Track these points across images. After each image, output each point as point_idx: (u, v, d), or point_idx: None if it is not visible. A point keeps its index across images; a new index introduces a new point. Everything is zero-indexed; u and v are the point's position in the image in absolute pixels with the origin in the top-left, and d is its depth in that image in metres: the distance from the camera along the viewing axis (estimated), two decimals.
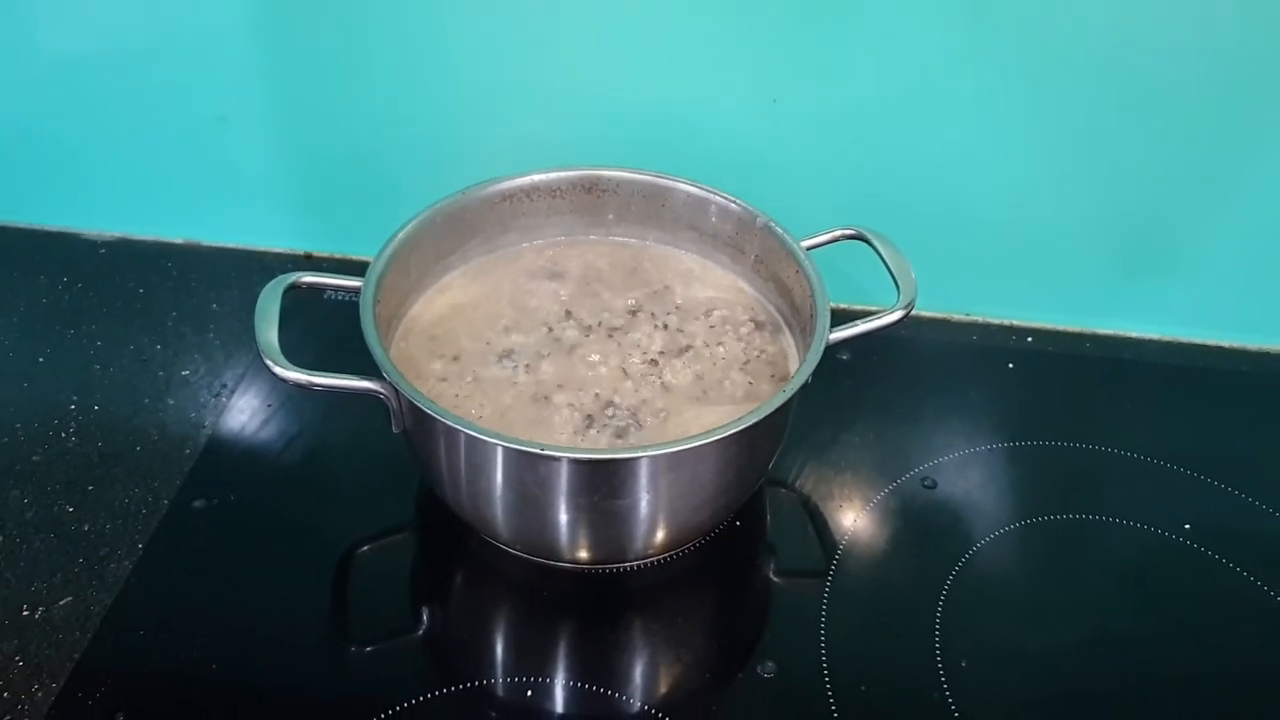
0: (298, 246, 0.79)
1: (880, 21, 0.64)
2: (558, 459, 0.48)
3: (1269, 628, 0.56)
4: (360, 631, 0.55)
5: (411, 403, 0.49)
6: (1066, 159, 0.68)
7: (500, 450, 0.49)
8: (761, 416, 0.49)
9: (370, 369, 0.52)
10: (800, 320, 0.59)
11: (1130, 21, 0.62)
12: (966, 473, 0.63)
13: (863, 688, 0.52)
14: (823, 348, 0.52)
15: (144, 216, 0.79)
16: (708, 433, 0.48)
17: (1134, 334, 0.74)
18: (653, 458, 0.49)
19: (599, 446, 0.53)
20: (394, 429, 0.53)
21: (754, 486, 0.58)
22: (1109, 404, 0.69)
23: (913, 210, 0.70)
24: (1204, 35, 0.62)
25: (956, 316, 0.75)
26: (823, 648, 0.53)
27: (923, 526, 0.60)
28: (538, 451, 0.48)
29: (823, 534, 0.60)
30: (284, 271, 0.76)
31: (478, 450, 0.50)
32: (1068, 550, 0.60)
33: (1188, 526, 0.60)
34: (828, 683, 0.52)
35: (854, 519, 0.60)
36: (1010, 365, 0.71)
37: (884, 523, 0.60)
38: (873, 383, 0.69)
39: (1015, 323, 0.75)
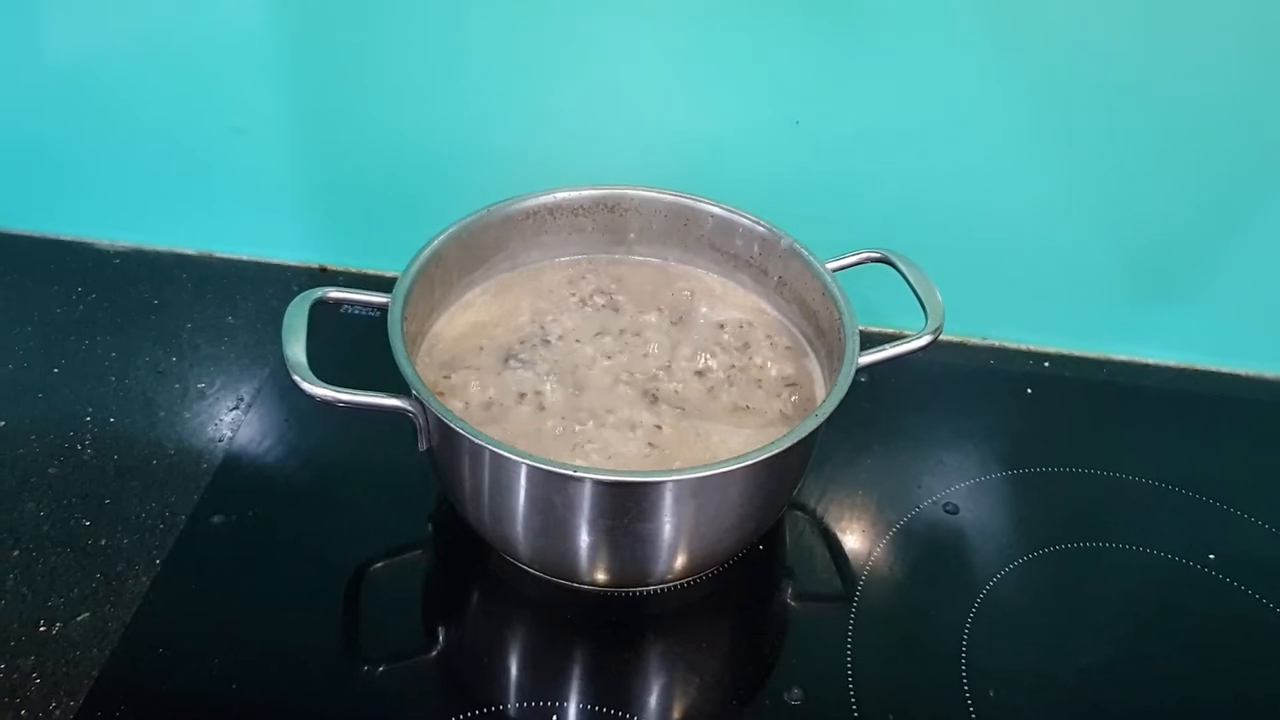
0: (313, 259, 0.78)
1: (902, 46, 0.64)
2: (587, 480, 0.48)
3: None
4: (376, 651, 0.54)
5: (439, 420, 0.49)
6: (1086, 185, 0.68)
7: (528, 470, 0.48)
8: (794, 441, 0.48)
9: (391, 384, 0.51)
10: (826, 343, 0.58)
11: (1151, 52, 0.63)
12: (988, 498, 0.63)
13: (890, 716, 0.51)
14: (853, 372, 0.52)
15: (158, 227, 0.78)
16: (739, 457, 0.48)
17: (1151, 360, 0.74)
18: (682, 481, 0.49)
19: (625, 468, 0.53)
20: (420, 447, 0.53)
21: (779, 512, 0.57)
22: (1128, 431, 0.69)
23: (931, 233, 0.70)
24: (1224, 69, 0.63)
25: (974, 340, 0.75)
26: (849, 675, 0.53)
27: (946, 552, 0.60)
28: (569, 473, 0.47)
29: (846, 559, 0.59)
30: (299, 284, 0.76)
31: (505, 469, 0.49)
32: (1092, 578, 0.59)
33: (1211, 556, 0.60)
34: (855, 710, 0.52)
35: (877, 544, 0.60)
36: (1029, 390, 0.71)
37: (907, 548, 0.60)
38: (891, 406, 0.68)
39: (1033, 347, 0.75)
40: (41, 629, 0.53)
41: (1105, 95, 0.64)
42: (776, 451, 0.48)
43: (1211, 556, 0.60)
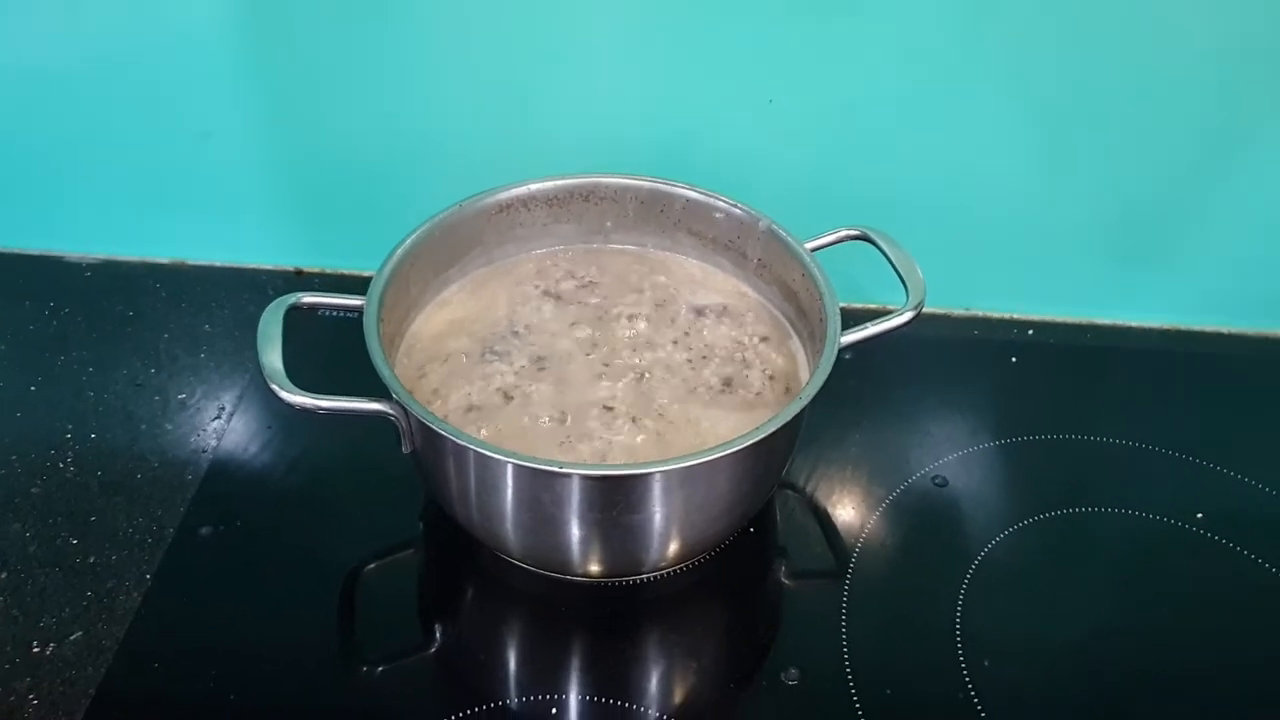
0: (287, 263, 0.77)
1: (874, 20, 0.64)
2: (574, 476, 0.48)
3: None
4: (373, 652, 0.54)
5: (422, 423, 0.49)
6: (1062, 151, 0.68)
7: (515, 468, 0.48)
8: (778, 426, 0.48)
9: (372, 387, 0.51)
10: (808, 324, 0.58)
11: (1123, 16, 0.62)
12: (976, 469, 0.63)
13: (888, 691, 0.52)
14: (835, 353, 0.52)
15: (129, 237, 0.77)
16: (724, 445, 0.48)
17: (1134, 323, 0.74)
18: (669, 472, 0.48)
19: (614, 460, 0.53)
20: (403, 449, 0.52)
21: (768, 494, 0.57)
22: (1113, 394, 0.70)
23: (909, 206, 0.69)
24: (1198, 34, 0.62)
25: (957, 311, 0.75)
26: (845, 652, 0.53)
27: (937, 525, 0.60)
28: (555, 469, 0.47)
29: (837, 537, 0.60)
30: (274, 288, 0.75)
31: (491, 469, 0.49)
32: (1081, 544, 0.60)
33: (1200, 515, 0.60)
34: (852, 687, 0.52)
35: (868, 520, 0.60)
36: (1013, 359, 0.71)
37: (898, 523, 0.60)
38: (876, 381, 0.68)
39: (1016, 316, 0.75)
40: (35, 650, 0.53)
41: (1078, 61, 0.64)
42: (762, 436, 0.48)
43: (1200, 515, 0.60)
